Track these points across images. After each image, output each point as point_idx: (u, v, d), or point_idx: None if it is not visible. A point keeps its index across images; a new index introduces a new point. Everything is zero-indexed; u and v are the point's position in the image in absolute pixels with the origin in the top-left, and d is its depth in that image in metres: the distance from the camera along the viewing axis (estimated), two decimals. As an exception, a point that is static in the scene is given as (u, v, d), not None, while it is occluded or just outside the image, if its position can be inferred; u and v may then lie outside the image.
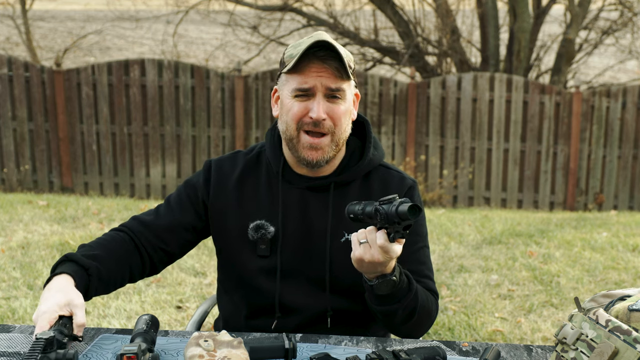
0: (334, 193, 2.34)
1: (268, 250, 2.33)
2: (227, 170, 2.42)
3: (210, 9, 14.67)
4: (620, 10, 13.59)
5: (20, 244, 6.74)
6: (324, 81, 2.20)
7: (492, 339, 4.84)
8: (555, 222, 8.67)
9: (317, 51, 2.20)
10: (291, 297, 2.34)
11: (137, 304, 5.28)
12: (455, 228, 8.05)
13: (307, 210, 2.35)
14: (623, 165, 10.79)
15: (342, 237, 2.33)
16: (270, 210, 2.35)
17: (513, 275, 6.22)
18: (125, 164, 10.86)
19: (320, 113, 2.20)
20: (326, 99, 2.22)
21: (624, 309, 1.79)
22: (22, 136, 10.72)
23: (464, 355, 2.04)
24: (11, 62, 10.61)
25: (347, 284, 2.30)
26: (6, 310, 5.06)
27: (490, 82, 10.68)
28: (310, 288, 2.34)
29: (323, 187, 2.35)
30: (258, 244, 2.33)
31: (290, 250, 2.34)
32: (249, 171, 2.41)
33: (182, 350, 2.02)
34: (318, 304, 2.33)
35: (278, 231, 2.33)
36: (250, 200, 2.38)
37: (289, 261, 2.33)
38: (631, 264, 6.58)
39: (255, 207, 2.36)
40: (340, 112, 2.24)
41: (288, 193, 2.36)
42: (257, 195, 2.38)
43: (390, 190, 2.35)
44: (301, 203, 2.35)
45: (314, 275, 2.33)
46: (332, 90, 2.21)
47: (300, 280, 2.34)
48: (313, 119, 2.21)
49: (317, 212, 2.35)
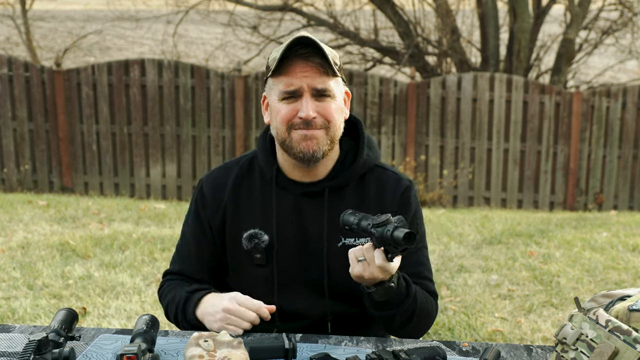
0: (328, 198, 2.33)
1: (264, 259, 2.31)
2: (219, 183, 2.41)
3: (210, 9, 14.67)
4: (620, 10, 13.60)
5: (20, 244, 6.74)
6: (309, 81, 2.19)
7: (492, 339, 4.84)
8: (555, 222, 8.67)
9: (298, 49, 2.19)
10: (290, 305, 2.33)
11: (137, 304, 5.28)
12: (455, 228, 8.05)
13: (301, 216, 2.33)
14: (623, 165, 10.80)
15: (338, 242, 2.31)
16: (264, 219, 2.34)
17: (513, 275, 6.22)
18: (125, 164, 10.86)
19: (309, 112, 2.19)
20: (314, 98, 2.21)
21: (624, 309, 1.79)
22: (22, 136, 10.73)
23: (464, 356, 2.05)
24: (11, 62, 10.62)
25: (346, 289, 2.28)
26: (6, 310, 5.06)
27: (490, 82, 10.68)
28: (309, 294, 2.33)
29: (317, 193, 2.33)
30: (252, 253, 2.32)
31: (286, 257, 2.32)
32: (242, 180, 2.40)
33: (182, 350, 2.02)
34: (318, 310, 2.33)
35: (272, 239, 2.31)
36: (244, 210, 2.36)
37: (286, 269, 2.32)
38: (631, 264, 6.58)
39: (249, 216, 2.35)
40: (331, 109, 2.23)
41: (282, 200, 2.34)
42: (250, 203, 2.36)
43: (387, 192, 2.34)
44: (295, 209, 2.33)
45: (312, 281, 2.33)
46: (319, 90, 2.20)
47: (299, 287, 2.33)
48: (302, 118, 2.19)
49: (312, 218, 2.33)
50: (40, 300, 5.29)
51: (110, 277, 5.85)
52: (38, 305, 5.18)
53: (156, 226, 7.79)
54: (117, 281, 5.77)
